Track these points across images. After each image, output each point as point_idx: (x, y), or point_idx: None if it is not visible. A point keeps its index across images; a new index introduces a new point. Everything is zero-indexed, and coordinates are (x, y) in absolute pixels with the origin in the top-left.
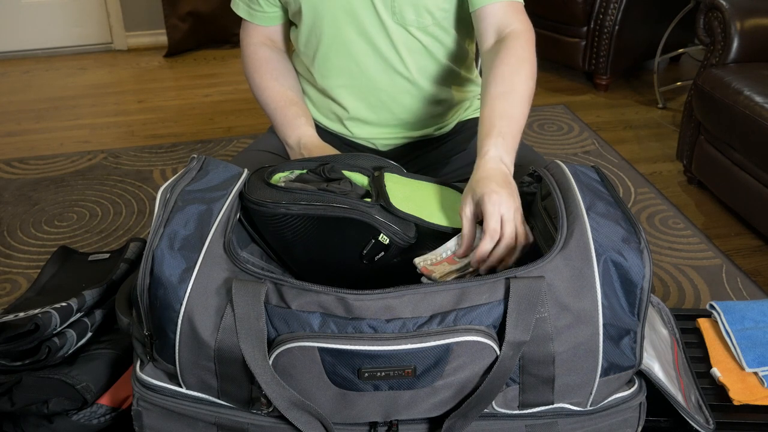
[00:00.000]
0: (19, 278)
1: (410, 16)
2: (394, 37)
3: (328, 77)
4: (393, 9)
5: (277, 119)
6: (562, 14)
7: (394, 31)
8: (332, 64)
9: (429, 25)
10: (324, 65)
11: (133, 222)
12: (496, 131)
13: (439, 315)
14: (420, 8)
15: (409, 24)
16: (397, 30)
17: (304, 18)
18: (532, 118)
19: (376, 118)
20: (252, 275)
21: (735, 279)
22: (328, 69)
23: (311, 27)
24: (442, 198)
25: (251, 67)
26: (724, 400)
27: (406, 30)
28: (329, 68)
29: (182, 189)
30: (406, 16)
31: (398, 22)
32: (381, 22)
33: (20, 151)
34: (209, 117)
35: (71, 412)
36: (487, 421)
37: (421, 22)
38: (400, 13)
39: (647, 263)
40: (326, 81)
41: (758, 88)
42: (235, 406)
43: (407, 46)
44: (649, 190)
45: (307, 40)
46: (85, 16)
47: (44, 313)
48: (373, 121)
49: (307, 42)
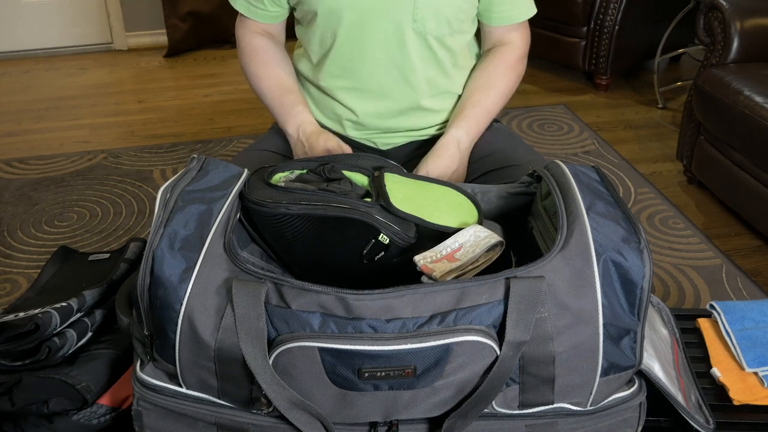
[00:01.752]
0: (19, 278)
1: (431, 25)
2: (410, 46)
3: (336, 78)
4: (415, 16)
5: (275, 108)
6: (562, 14)
7: (412, 39)
8: (343, 66)
9: (445, 35)
10: (333, 66)
11: (133, 222)
12: (464, 115)
13: (439, 315)
14: (441, 17)
15: (428, 32)
16: (415, 38)
17: (319, 18)
18: (532, 118)
19: (378, 121)
20: (252, 275)
21: (735, 279)
22: (337, 70)
23: (325, 27)
24: (443, 198)
25: (247, 56)
26: (724, 400)
27: (424, 39)
28: (339, 69)
29: (182, 189)
30: (426, 24)
31: (417, 30)
32: (400, 29)
33: (20, 151)
34: (209, 117)
35: (71, 412)
36: (487, 421)
37: (439, 31)
38: (421, 20)
39: (647, 263)
40: (332, 81)
41: (758, 88)
42: (235, 406)
43: (421, 56)
44: (649, 190)
45: (321, 40)
46: (85, 16)
47: (44, 313)
48: (374, 123)
49: (320, 42)
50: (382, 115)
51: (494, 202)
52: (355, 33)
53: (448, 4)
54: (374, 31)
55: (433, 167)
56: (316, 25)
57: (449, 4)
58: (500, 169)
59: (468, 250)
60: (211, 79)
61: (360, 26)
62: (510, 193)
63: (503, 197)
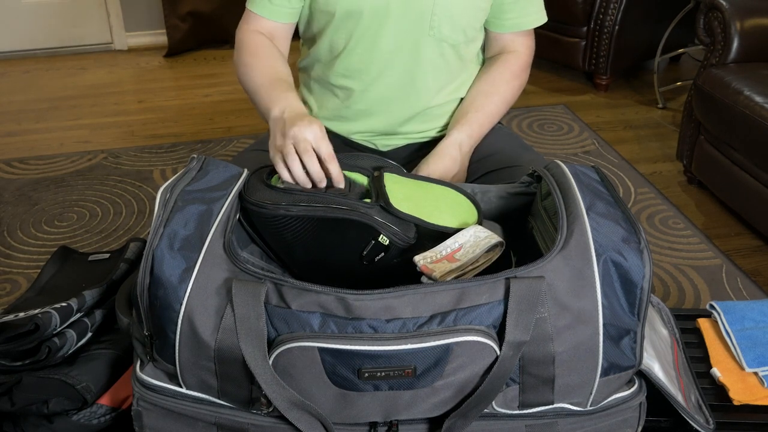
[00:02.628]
0: (19, 278)
1: (446, 32)
2: (423, 52)
3: (344, 77)
4: (431, 22)
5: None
6: (562, 14)
7: (426, 45)
8: (353, 67)
9: (460, 44)
10: (343, 65)
11: (133, 222)
12: (466, 119)
13: (439, 315)
14: (456, 25)
15: (444, 40)
16: (429, 45)
17: (335, 20)
18: (532, 118)
19: (381, 123)
20: (252, 275)
21: (735, 279)
22: (346, 70)
23: (339, 29)
24: (442, 198)
25: (241, 50)
26: (724, 400)
27: (439, 46)
28: (348, 69)
29: (182, 189)
30: (442, 31)
31: (434, 37)
32: (416, 35)
33: (20, 151)
34: (209, 117)
35: (71, 412)
36: (487, 421)
37: (454, 39)
38: (438, 26)
39: (647, 263)
40: (340, 80)
41: (758, 88)
42: (235, 406)
43: (433, 63)
44: (649, 190)
45: (331, 45)
46: (85, 16)
47: (44, 313)
48: (376, 125)
49: (330, 46)
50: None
51: (494, 202)
52: (371, 35)
53: (464, 12)
54: (390, 35)
55: (433, 168)
56: (330, 29)
57: (465, 13)
58: (500, 169)
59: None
60: (211, 79)
61: (377, 29)
62: (510, 193)
63: (503, 197)
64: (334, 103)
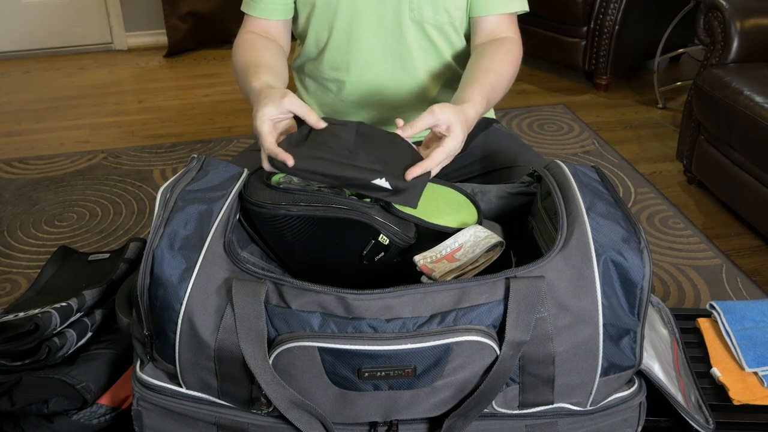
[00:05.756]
0: (19, 278)
1: (428, 13)
2: (407, 35)
3: (333, 69)
4: (411, 5)
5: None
6: (562, 14)
7: (409, 28)
8: (340, 58)
9: (444, 24)
10: (331, 57)
11: (133, 222)
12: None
13: (439, 315)
14: (438, 6)
15: (425, 21)
16: (412, 27)
17: (317, 9)
18: (532, 118)
19: (377, 115)
20: (252, 275)
21: (735, 279)
22: (334, 61)
23: (322, 19)
24: (442, 198)
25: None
26: (724, 400)
27: (422, 27)
28: (336, 61)
29: (182, 189)
30: (423, 13)
31: (414, 19)
32: (397, 18)
33: (20, 151)
34: (209, 117)
35: (71, 412)
36: (487, 421)
37: (437, 19)
38: (418, 9)
39: (647, 263)
40: (331, 73)
41: (758, 88)
42: (235, 406)
43: (420, 45)
44: (649, 190)
45: (317, 37)
46: (85, 16)
47: (44, 313)
48: (374, 115)
49: (316, 39)
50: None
51: (494, 202)
52: (351, 23)
53: None
54: (370, 20)
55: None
56: (313, 22)
57: None
58: (500, 169)
59: (468, 250)
60: (211, 79)
61: (355, 15)
62: (510, 193)
63: (503, 197)
64: (330, 98)
